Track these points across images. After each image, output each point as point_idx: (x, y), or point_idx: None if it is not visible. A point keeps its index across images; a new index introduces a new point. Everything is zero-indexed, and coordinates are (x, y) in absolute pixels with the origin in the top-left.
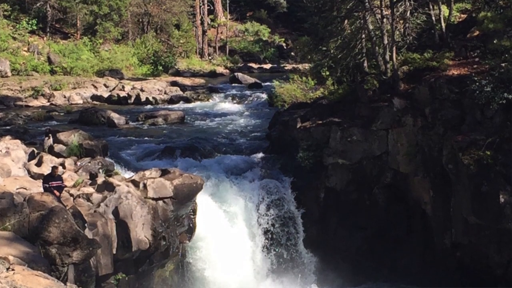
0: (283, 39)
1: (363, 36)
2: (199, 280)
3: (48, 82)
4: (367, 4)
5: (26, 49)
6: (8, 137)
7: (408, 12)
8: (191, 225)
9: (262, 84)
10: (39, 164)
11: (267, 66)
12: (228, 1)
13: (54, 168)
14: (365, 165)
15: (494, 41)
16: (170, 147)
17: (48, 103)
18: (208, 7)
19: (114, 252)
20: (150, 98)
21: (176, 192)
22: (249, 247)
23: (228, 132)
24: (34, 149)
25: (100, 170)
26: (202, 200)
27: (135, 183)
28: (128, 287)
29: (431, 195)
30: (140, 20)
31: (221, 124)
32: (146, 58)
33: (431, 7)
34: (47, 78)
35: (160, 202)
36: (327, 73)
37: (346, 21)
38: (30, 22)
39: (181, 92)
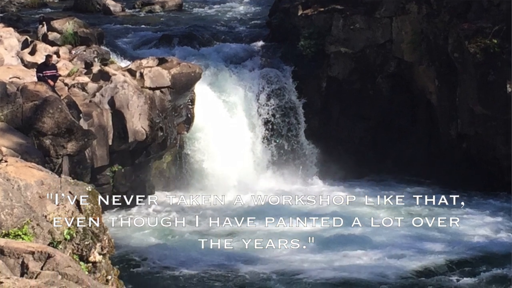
0: None
1: None
2: (197, 172)
3: None
4: None
5: None
6: (0, 25)
7: None
8: (189, 115)
9: None
10: (32, 52)
11: None
12: None
13: (48, 56)
14: (368, 53)
15: None
16: (168, 35)
17: None
18: None
19: (110, 143)
20: None
21: (174, 81)
22: (249, 138)
23: (227, 20)
24: (28, 37)
25: (96, 59)
26: (201, 89)
27: (132, 72)
28: (124, 179)
29: (436, 85)
30: None
31: (220, 12)
32: None
33: None
34: None
35: (157, 92)
36: None
37: None
38: None
39: None
